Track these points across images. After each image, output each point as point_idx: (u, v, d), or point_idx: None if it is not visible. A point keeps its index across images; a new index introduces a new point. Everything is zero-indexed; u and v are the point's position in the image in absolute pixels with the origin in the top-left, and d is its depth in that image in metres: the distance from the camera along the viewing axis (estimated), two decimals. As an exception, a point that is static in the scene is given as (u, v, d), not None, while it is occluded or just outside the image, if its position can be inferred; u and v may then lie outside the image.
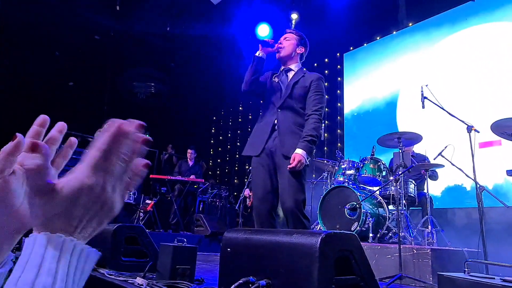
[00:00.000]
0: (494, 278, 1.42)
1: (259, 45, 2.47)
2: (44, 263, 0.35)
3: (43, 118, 0.47)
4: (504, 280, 1.35)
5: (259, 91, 2.55)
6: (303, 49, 2.60)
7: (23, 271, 0.35)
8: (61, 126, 0.48)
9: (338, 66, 7.90)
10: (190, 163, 7.29)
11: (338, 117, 7.61)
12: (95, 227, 0.42)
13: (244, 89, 2.51)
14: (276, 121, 2.41)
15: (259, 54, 2.46)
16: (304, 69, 2.59)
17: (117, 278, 2.15)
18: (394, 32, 6.92)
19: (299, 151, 2.23)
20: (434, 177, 4.59)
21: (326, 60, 8.08)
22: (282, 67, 2.59)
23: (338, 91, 7.75)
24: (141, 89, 10.43)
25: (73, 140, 0.50)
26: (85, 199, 0.40)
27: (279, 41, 2.59)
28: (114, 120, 0.44)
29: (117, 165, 0.42)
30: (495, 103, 5.14)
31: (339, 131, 7.51)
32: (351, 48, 7.70)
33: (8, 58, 7.84)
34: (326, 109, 7.63)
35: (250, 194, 6.09)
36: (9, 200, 0.40)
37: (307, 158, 2.27)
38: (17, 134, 0.41)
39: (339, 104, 7.68)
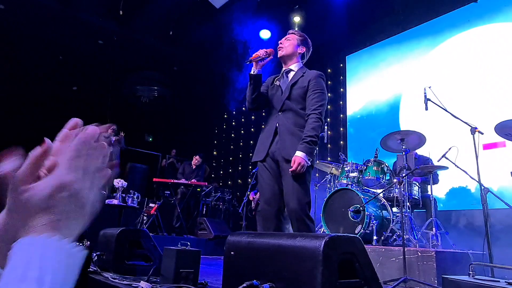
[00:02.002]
0: (499, 281, 1.41)
1: (253, 62, 2.44)
2: (31, 261, 0.36)
3: (75, 122, 0.49)
4: (509, 283, 1.34)
5: (263, 103, 2.56)
6: (304, 49, 2.59)
7: (10, 272, 0.36)
8: (93, 131, 0.50)
9: (341, 68, 7.90)
10: (193, 166, 7.30)
11: (341, 119, 7.60)
12: (79, 225, 0.44)
13: (249, 108, 2.53)
14: (277, 124, 2.41)
15: (254, 71, 2.44)
16: (305, 68, 2.58)
17: (121, 282, 2.15)
18: (397, 34, 6.91)
19: (298, 153, 2.22)
20: (434, 180, 4.58)
21: (329, 62, 8.08)
22: (283, 68, 2.59)
23: (341, 94, 7.75)
24: (144, 92, 10.48)
25: (94, 129, 0.52)
26: (65, 196, 0.43)
27: (279, 42, 2.59)
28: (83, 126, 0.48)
29: (91, 165, 0.46)
30: (498, 105, 5.12)
31: (342, 133, 7.50)
32: (354, 50, 7.70)
33: (12, 62, 7.90)
34: (329, 106, 7.64)
35: (254, 197, 6.08)
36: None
37: (309, 159, 2.25)
38: (46, 139, 0.44)
39: (342, 106, 7.67)
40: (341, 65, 7.92)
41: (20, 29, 7.67)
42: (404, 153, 3.77)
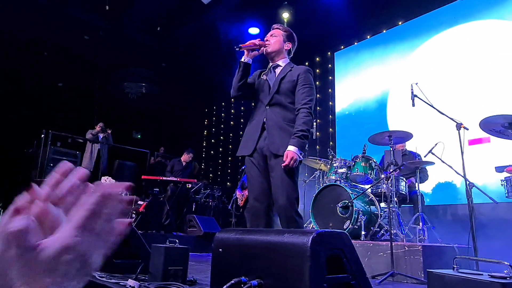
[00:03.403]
0: (482, 274, 1.44)
1: (245, 50, 2.43)
2: None
3: (66, 167, 0.46)
4: (492, 276, 1.37)
5: (248, 94, 2.53)
6: (291, 45, 2.58)
7: None
8: (83, 174, 0.47)
9: (329, 65, 7.93)
10: (184, 163, 7.26)
11: (330, 116, 7.64)
12: (79, 283, 0.43)
13: (233, 95, 2.50)
14: (265, 119, 2.39)
15: (244, 59, 2.43)
16: (292, 63, 2.58)
17: (109, 280, 2.13)
18: (384, 31, 6.97)
19: (291, 147, 2.21)
20: (424, 178, 4.65)
21: (317, 59, 8.11)
22: (270, 64, 2.58)
23: (330, 90, 7.78)
24: (132, 89, 10.36)
25: (84, 172, 0.49)
26: (68, 258, 0.40)
27: (265, 38, 2.57)
28: (100, 183, 0.45)
29: (103, 225, 0.43)
30: (483, 101, 5.21)
31: (331, 129, 7.55)
32: (342, 47, 7.74)
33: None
34: (318, 108, 7.68)
35: (241, 193, 6.09)
36: None
37: (301, 154, 2.25)
38: (33, 185, 0.42)
39: (330, 103, 7.71)
40: (329, 62, 7.95)
41: (3, 24, 7.49)
42: (391, 148, 3.82)
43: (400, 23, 6.72)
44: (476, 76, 5.43)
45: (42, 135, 6.39)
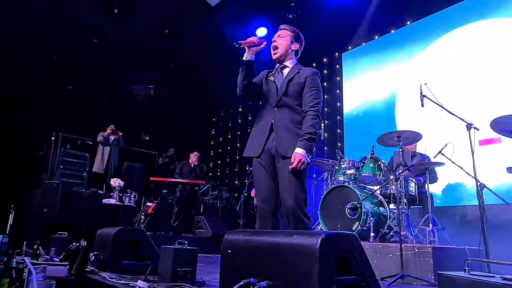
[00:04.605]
0: (494, 277, 1.42)
1: (245, 47, 2.43)
2: None
3: None
4: (504, 279, 1.35)
5: (255, 92, 2.53)
6: (298, 45, 2.58)
7: None
8: None
9: (337, 66, 7.90)
10: (192, 165, 7.29)
11: (338, 117, 7.61)
12: None
13: (239, 93, 2.51)
14: (273, 120, 2.39)
15: (246, 57, 2.43)
16: (300, 65, 2.58)
17: (118, 281, 2.15)
18: (393, 31, 6.92)
19: (298, 150, 2.21)
20: (433, 180, 4.61)
21: (325, 60, 8.08)
22: (278, 65, 2.58)
23: (337, 91, 7.75)
24: (140, 91, 10.43)
25: None
26: None
27: (273, 39, 2.57)
28: None
29: None
30: (494, 100, 5.14)
31: (339, 130, 7.51)
32: (350, 47, 7.71)
33: (6, 62, 7.84)
34: (326, 109, 7.66)
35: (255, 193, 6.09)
36: None
37: (308, 156, 2.25)
38: None
39: (338, 104, 7.68)
40: (337, 62, 7.92)
41: (14, 28, 7.61)
42: (401, 149, 3.78)
43: (408, 23, 6.67)
44: (486, 76, 5.37)
45: (52, 138, 6.46)
